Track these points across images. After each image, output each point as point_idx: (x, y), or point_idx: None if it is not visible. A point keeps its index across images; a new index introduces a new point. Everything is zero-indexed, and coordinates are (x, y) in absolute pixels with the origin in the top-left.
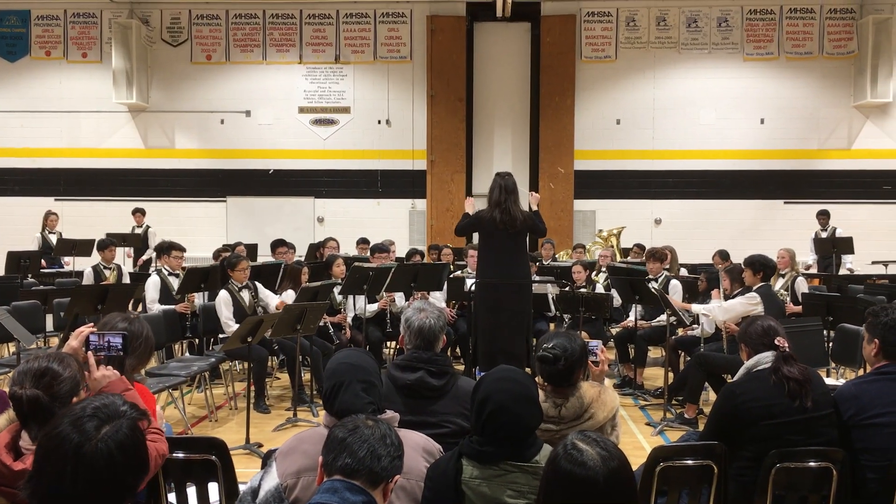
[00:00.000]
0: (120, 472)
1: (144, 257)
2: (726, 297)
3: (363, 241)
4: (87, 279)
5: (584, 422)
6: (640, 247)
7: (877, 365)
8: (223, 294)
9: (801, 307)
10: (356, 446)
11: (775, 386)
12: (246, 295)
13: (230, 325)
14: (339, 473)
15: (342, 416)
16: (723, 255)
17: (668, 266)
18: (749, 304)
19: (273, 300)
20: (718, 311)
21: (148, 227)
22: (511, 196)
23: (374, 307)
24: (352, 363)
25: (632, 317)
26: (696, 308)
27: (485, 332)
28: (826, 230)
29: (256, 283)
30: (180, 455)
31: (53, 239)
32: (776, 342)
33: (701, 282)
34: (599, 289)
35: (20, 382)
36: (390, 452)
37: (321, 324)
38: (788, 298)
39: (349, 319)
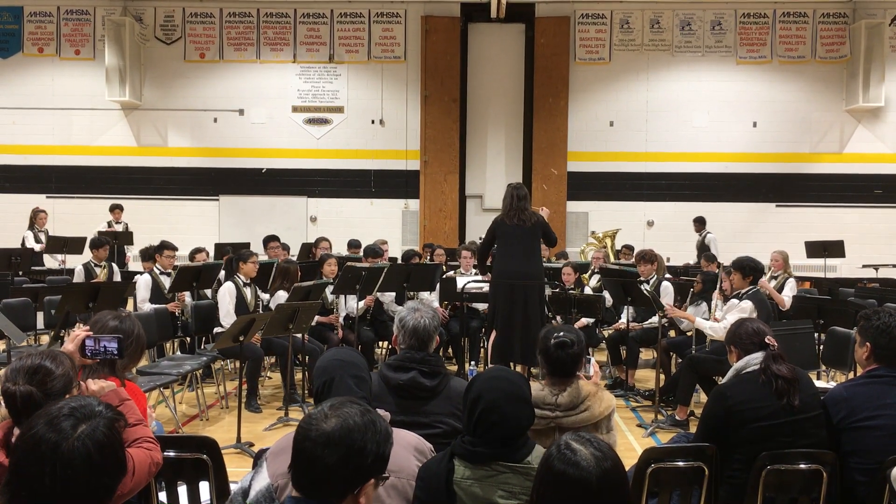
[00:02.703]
0: (97, 472)
1: (129, 255)
2: (725, 298)
3: (354, 245)
4: (78, 277)
5: (581, 413)
6: (629, 247)
7: (868, 368)
8: (228, 285)
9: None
10: None
11: (764, 387)
12: (248, 292)
13: (229, 318)
14: None
15: None
16: (708, 257)
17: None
18: (745, 316)
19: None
20: (721, 332)
21: (126, 224)
22: (522, 202)
23: (360, 305)
24: (341, 359)
25: (623, 318)
26: (699, 323)
27: (502, 319)
28: (701, 234)
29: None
30: (171, 454)
31: (43, 237)
32: (766, 341)
33: (697, 283)
34: (588, 291)
35: (13, 379)
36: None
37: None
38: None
39: (341, 319)
